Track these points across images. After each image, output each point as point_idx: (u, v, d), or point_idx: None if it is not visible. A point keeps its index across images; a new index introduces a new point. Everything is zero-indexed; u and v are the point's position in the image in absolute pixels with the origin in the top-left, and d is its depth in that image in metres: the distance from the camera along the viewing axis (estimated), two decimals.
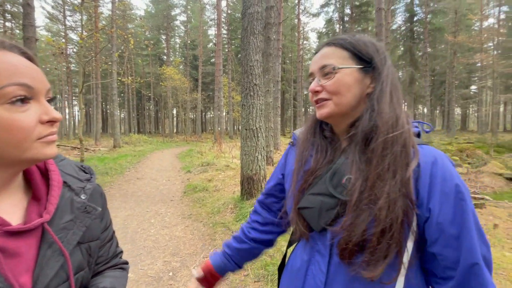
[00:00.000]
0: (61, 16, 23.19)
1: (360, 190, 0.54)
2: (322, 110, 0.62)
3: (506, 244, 3.09)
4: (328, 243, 0.59)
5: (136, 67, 30.10)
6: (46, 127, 0.43)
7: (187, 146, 16.99)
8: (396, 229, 0.51)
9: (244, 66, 3.86)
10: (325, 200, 0.59)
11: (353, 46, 0.61)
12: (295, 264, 0.68)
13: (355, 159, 0.57)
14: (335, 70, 0.60)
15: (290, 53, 31.91)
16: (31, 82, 0.41)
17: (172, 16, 30.26)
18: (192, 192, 5.15)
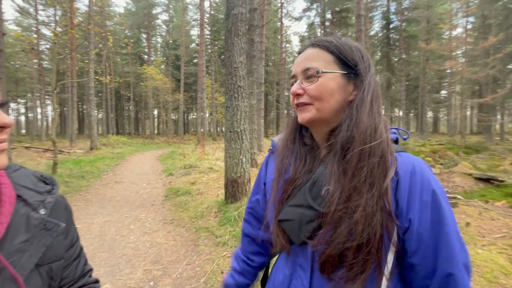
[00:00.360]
0: (32, 10, 21.87)
1: (337, 202, 0.52)
2: (303, 114, 0.60)
3: (478, 242, 3.27)
4: (310, 256, 0.57)
5: (115, 66, 29.01)
6: None
7: (169, 148, 16.59)
8: (373, 245, 0.49)
9: (228, 67, 3.82)
10: (304, 212, 0.57)
11: (338, 50, 0.59)
12: (277, 278, 0.66)
13: (334, 170, 0.55)
14: (319, 74, 0.57)
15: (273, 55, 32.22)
16: None
17: (153, 15, 29.50)
18: (174, 196, 5.01)
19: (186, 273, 2.38)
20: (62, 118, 34.97)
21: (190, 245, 2.95)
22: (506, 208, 4.24)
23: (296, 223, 0.57)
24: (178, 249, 2.87)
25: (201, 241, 3.02)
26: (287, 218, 0.59)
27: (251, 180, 4.05)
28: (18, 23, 25.17)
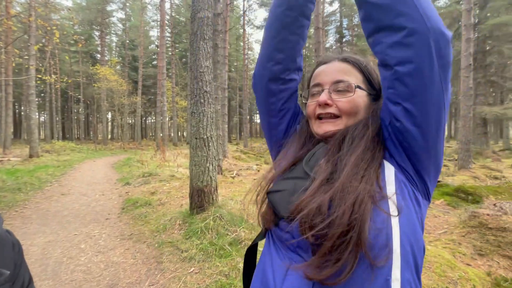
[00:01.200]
0: None
1: (327, 172, 0.53)
2: (327, 127, 0.59)
3: (426, 238, 3.60)
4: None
5: (62, 64, 26.22)
6: None
7: (125, 154, 15.41)
8: (354, 233, 0.45)
9: (194, 72, 3.67)
10: (298, 182, 0.56)
11: (368, 71, 0.62)
12: (269, 266, 0.56)
13: (334, 146, 0.57)
14: (355, 88, 0.58)
15: (235, 61, 32.43)
16: None
17: (107, 12, 27.45)
18: (132, 208, 4.60)
19: None
20: None
21: (153, 263, 2.70)
22: (445, 206, 4.76)
23: (288, 192, 0.55)
24: (139, 268, 2.60)
25: (165, 257, 2.78)
26: (278, 189, 0.57)
27: (217, 188, 3.92)
28: None
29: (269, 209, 0.58)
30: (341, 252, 0.45)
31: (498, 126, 27.42)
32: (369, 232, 0.45)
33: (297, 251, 0.53)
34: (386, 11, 0.48)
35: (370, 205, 0.47)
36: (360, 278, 0.46)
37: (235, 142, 28.83)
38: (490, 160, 11.88)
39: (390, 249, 0.46)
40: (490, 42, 14.61)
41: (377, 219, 0.47)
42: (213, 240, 2.90)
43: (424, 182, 0.54)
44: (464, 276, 2.34)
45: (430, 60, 0.46)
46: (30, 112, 11.60)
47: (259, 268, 0.60)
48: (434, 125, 0.50)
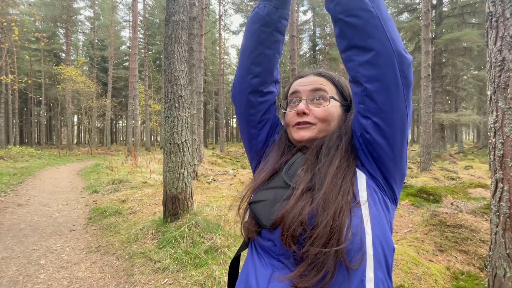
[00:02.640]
0: None
1: (305, 185, 0.56)
2: (303, 133, 0.64)
3: (393, 238, 3.82)
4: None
5: (20, 63, 24.15)
6: None
7: (93, 160, 14.51)
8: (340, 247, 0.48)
9: (168, 75, 3.58)
10: (279, 192, 0.58)
11: (340, 85, 0.68)
12: (252, 274, 0.57)
13: (312, 155, 0.61)
14: (330, 98, 0.64)
15: (211, 65, 32.21)
16: None
17: (74, 9, 25.88)
18: (100, 218, 4.33)
19: None
20: None
21: (123, 276, 2.55)
22: (409, 206, 5.09)
23: (269, 202, 0.57)
24: (107, 283, 2.45)
25: (136, 269, 2.65)
26: (259, 199, 0.59)
27: (193, 195, 3.83)
28: None
29: (252, 219, 0.60)
30: (323, 260, 0.48)
31: (454, 131, 30.05)
32: (345, 237, 0.48)
33: (279, 258, 0.54)
34: (358, 31, 0.53)
35: (347, 213, 0.50)
36: (338, 281, 0.49)
37: (211, 146, 28.45)
38: (447, 162, 12.95)
39: (364, 252, 0.50)
40: (445, 55, 16.06)
41: (353, 225, 0.50)
42: (188, 248, 2.82)
43: (391, 188, 0.60)
44: (427, 272, 2.51)
45: (395, 79, 0.52)
46: None
47: (241, 277, 0.60)
48: (399, 137, 0.55)
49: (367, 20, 0.52)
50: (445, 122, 14.60)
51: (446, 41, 14.77)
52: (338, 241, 0.48)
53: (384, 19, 0.52)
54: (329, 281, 0.48)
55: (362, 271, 0.50)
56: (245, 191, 0.66)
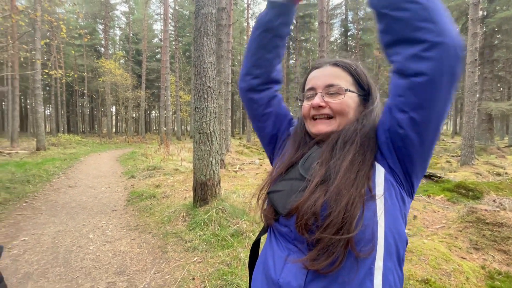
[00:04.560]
0: None
1: (320, 178, 0.58)
2: (321, 126, 0.65)
3: (423, 233, 3.66)
4: None
5: (66, 58, 26.34)
6: None
7: (129, 148, 15.60)
8: (349, 235, 0.51)
9: (198, 67, 3.73)
10: (295, 183, 0.62)
11: (357, 74, 0.67)
12: (270, 256, 0.65)
13: (328, 149, 0.62)
14: (345, 91, 0.64)
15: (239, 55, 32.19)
16: None
17: (111, 5, 27.40)
18: (137, 200, 4.73)
19: (155, 282, 2.28)
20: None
21: (158, 252, 2.82)
22: (444, 201, 4.80)
23: (286, 192, 0.62)
24: (145, 257, 2.72)
25: (170, 247, 2.90)
26: (277, 189, 0.64)
27: (220, 182, 4.01)
28: None
29: (270, 207, 0.65)
30: (334, 247, 0.52)
31: (505, 122, 27.05)
32: (355, 228, 0.52)
33: (294, 243, 0.60)
34: (406, 24, 0.50)
35: (360, 205, 0.53)
36: (347, 267, 0.54)
37: (238, 136, 28.92)
38: (494, 156, 11.80)
39: (374, 243, 0.54)
40: (498, 36, 14.34)
41: (365, 217, 0.53)
42: (216, 231, 3.01)
43: (411, 182, 0.60)
44: (458, 269, 2.41)
45: (443, 74, 0.49)
46: (36, 105, 11.77)
47: (261, 259, 0.68)
48: (432, 134, 0.54)
49: (416, 12, 0.48)
50: (494, 112, 13.22)
51: (500, 20, 13.16)
52: (348, 230, 0.51)
53: (435, 8, 0.48)
54: (338, 266, 0.53)
55: (372, 260, 0.54)
56: (264, 181, 0.71)
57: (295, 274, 0.57)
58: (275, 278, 0.59)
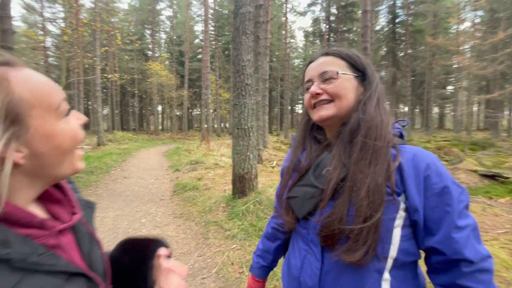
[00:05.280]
0: (38, 6, 22.02)
1: (336, 180, 0.60)
2: (322, 112, 0.66)
3: (481, 237, 3.33)
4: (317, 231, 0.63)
5: (120, 62, 29.15)
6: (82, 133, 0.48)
7: (174, 144, 16.74)
8: (375, 219, 0.55)
9: (236, 65, 3.88)
10: (307, 190, 0.66)
11: (349, 57, 0.69)
12: (292, 254, 0.72)
13: (337, 153, 0.63)
14: (338, 75, 0.66)
15: (277, 51, 32.01)
16: (63, 95, 0.45)
17: (157, 11, 29.48)
18: (182, 191, 5.13)
19: (198, 264, 2.50)
20: None
21: (200, 238, 3.06)
22: (510, 205, 4.26)
23: (300, 199, 0.66)
24: (189, 242, 2.99)
25: (211, 234, 3.13)
26: (293, 196, 0.69)
27: (258, 176, 4.14)
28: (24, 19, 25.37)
29: (291, 212, 0.70)
30: (366, 235, 0.55)
31: None
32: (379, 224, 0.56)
33: (310, 245, 0.66)
34: None
35: (381, 195, 0.56)
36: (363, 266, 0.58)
37: (276, 133, 28.94)
38: None
39: (388, 248, 0.58)
40: None
41: (385, 215, 0.57)
42: (253, 222, 3.15)
43: None
44: None
45: None
46: (96, 106, 13.34)
47: (287, 255, 0.77)
48: None
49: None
50: None
51: None
52: (373, 216, 0.55)
53: None
54: (371, 255, 0.56)
55: (382, 266, 0.58)
56: (282, 188, 0.76)
57: (310, 275, 0.63)
58: (296, 275, 0.67)
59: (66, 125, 0.44)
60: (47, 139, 0.41)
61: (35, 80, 0.41)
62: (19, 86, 0.39)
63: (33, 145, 0.40)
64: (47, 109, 0.41)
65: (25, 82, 0.40)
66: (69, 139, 0.43)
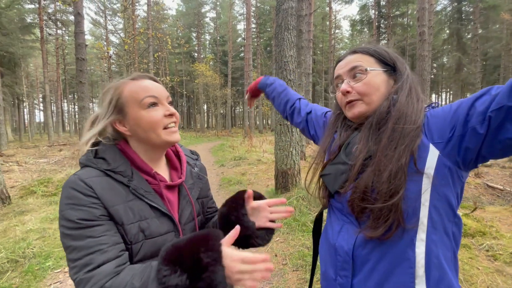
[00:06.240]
0: (102, 20, 25.05)
1: (362, 160, 0.64)
2: (354, 110, 0.70)
3: None
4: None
5: (170, 65, 31.52)
6: (168, 118, 0.69)
7: (219, 141, 17.54)
8: (396, 199, 0.57)
9: (279, 62, 3.91)
10: (339, 167, 0.71)
11: (377, 53, 0.70)
12: (330, 226, 0.76)
13: (365, 134, 0.67)
14: (367, 71, 0.68)
15: (320, 43, 30.92)
16: (157, 94, 0.68)
17: (202, 13, 30.96)
18: (227, 185, 5.39)
19: None
20: None
21: None
22: None
23: (333, 176, 0.72)
24: None
25: None
26: (327, 173, 0.74)
27: (300, 172, 4.13)
28: (91, 33, 29.16)
29: (324, 187, 0.77)
30: (386, 215, 0.58)
31: None
32: (403, 200, 0.57)
33: (347, 216, 0.70)
34: None
35: (402, 176, 0.58)
36: (395, 237, 0.60)
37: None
38: None
39: (417, 218, 0.59)
40: None
41: (410, 190, 0.58)
42: (296, 217, 3.17)
43: (477, 157, 0.56)
44: None
45: None
46: None
47: (324, 228, 0.82)
48: None
49: None
50: None
51: None
52: (394, 197, 0.57)
53: None
54: (393, 233, 0.59)
55: (414, 233, 0.59)
56: (311, 164, 0.83)
57: (347, 240, 0.68)
58: (332, 242, 0.72)
59: (147, 113, 0.66)
60: (135, 121, 0.67)
61: (135, 85, 0.68)
62: (126, 90, 0.67)
63: (130, 123, 0.67)
64: (135, 102, 0.66)
65: (130, 87, 0.68)
66: (147, 122, 0.66)
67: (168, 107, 0.69)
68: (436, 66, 30.08)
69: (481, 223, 2.79)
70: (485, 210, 3.20)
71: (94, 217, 0.57)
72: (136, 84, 0.68)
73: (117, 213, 0.60)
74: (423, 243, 0.59)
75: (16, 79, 17.69)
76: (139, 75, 0.71)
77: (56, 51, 23.41)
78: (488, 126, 0.51)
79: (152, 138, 0.67)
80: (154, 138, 0.67)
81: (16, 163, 8.00)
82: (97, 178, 0.61)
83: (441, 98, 48.64)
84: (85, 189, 0.58)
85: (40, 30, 16.26)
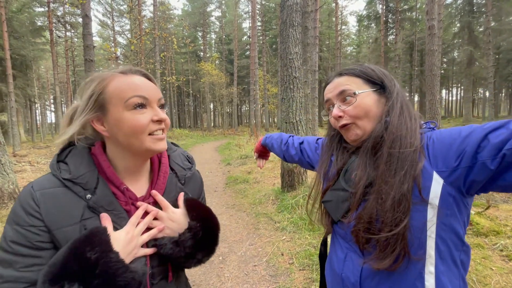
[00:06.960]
0: (110, 22, 25.38)
1: (363, 186, 0.62)
2: (349, 134, 0.69)
3: None
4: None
5: (176, 65, 31.72)
6: (156, 125, 0.59)
7: (225, 140, 17.58)
8: (401, 228, 0.54)
9: (284, 59, 3.87)
10: (340, 194, 0.69)
11: (364, 73, 0.68)
12: (334, 254, 0.74)
13: (363, 160, 0.65)
14: (356, 94, 0.66)
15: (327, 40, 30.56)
16: (146, 94, 0.58)
17: (207, 13, 31.00)
18: (233, 184, 5.39)
19: (250, 252, 2.62)
20: None
21: (251, 228, 3.19)
22: None
23: (334, 202, 0.70)
24: (241, 231, 3.15)
25: (261, 225, 3.24)
26: (328, 200, 0.72)
27: (307, 170, 4.09)
28: (99, 34, 29.58)
29: (326, 213, 0.74)
30: (393, 244, 0.55)
31: None
32: (408, 230, 0.55)
33: (350, 244, 0.68)
34: None
35: (407, 205, 0.55)
36: (401, 267, 0.58)
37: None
38: None
39: (424, 250, 0.56)
40: None
41: (415, 219, 0.56)
42: (303, 215, 3.14)
43: (484, 186, 0.53)
44: None
45: None
46: None
47: (329, 255, 0.79)
48: None
49: None
50: None
51: None
52: (399, 226, 0.55)
53: None
54: (401, 262, 0.56)
55: (422, 264, 0.57)
56: (311, 190, 0.81)
57: (352, 270, 0.65)
58: (338, 272, 0.69)
59: (131, 115, 0.56)
60: (116, 122, 0.56)
61: (123, 81, 0.57)
62: (112, 85, 0.57)
63: (110, 123, 0.57)
64: (119, 101, 0.56)
65: (116, 82, 0.57)
66: (129, 126, 0.56)
67: (158, 111, 0.59)
68: (446, 61, 29.37)
69: (495, 222, 2.70)
70: (499, 208, 3.10)
71: (28, 243, 0.50)
72: (125, 80, 0.57)
73: (63, 236, 0.52)
74: (433, 276, 0.57)
75: (28, 81, 18.12)
76: (131, 70, 0.61)
77: (66, 53, 23.87)
78: (500, 163, 0.48)
79: (134, 144, 0.57)
80: (136, 145, 0.57)
81: (28, 163, 8.22)
82: (51, 190, 0.54)
83: (451, 94, 47.43)
84: (29, 206, 0.52)
85: (49, 33, 16.60)
